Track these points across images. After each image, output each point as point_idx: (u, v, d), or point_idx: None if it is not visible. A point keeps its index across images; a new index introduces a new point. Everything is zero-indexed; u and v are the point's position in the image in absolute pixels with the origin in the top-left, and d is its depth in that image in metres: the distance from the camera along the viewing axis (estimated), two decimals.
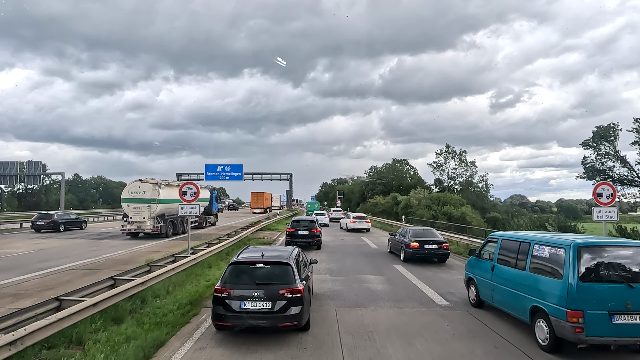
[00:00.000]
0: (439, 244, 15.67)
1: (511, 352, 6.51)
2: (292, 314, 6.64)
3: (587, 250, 6.32)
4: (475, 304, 9.05)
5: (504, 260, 8.01)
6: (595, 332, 5.92)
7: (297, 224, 20.46)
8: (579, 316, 5.96)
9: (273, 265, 7.09)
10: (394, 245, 18.04)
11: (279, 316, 6.61)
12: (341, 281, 11.80)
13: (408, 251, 15.69)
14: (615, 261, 6.28)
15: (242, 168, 57.24)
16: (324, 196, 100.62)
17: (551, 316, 6.34)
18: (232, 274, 6.99)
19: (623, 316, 5.95)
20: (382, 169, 72.35)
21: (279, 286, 6.77)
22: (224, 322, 6.71)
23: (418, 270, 13.81)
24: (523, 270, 7.30)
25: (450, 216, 37.23)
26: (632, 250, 6.43)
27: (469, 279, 9.40)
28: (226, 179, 56.35)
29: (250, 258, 7.36)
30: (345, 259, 16.38)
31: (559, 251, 6.57)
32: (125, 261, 14.89)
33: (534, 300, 6.82)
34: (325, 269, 13.78)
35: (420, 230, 17.19)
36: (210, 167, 58.06)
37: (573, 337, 5.99)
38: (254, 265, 7.10)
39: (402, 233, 17.33)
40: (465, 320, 8.12)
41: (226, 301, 6.67)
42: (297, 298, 6.72)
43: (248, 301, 6.63)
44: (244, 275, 7.00)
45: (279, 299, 6.66)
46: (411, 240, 15.78)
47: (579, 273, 6.14)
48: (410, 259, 15.65)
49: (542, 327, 6.59)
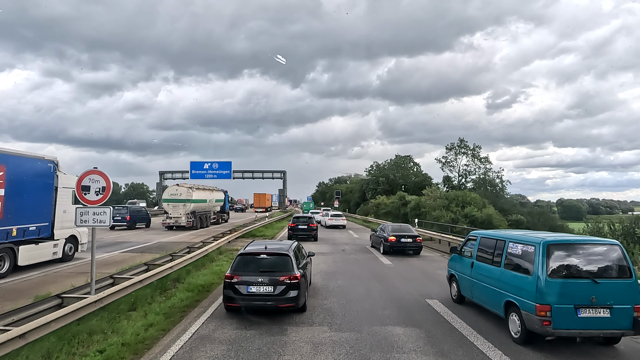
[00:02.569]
0: (413, 238, 17.80)
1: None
2: (291, 296, 7.79)
3: (556, 247, 6.66)
4: (456, 299, 9.41)
5: (482, 257, 8.36)
6: (561, 325, 6.27)
7: (297, 220, 24.60)
8: (547, 310, 6.31)
9: (275, 256, 8.29)
10: (374, 240, 20.05)
11: (280, 298, 7.76)
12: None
13: (386, 244, 17.71)
14: (582, 258, 6.62)
15: (231, 166, 53.50)
16: (320, 196, 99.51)
17: (522, 310, 6.69)
18: (240, 263, 8.16)
19: (588, 310, 6.30)
20: (385, 166, 65.28)
21: (279, 273, 7.90)
22: (234, 303, 7.88)
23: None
24: (498, 266, 7.64)
25: (473, 219, 30.87)
26: (598, 248, 6.78)
27: (451, 276, 9.75)
28: (214, 177, 52.55)
29: (256, 250, 8.59)
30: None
31: (530, 249, 6.91)
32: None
33: (507, 295, 7.17)
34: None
35: (397, 227, 19.48)
36: (196, 164, 53.96)
37: (541, 329, 6.34)
38: (259, 256, 8.32)
39: (382, 228, 19.40)
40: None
41: (235, 286, 7.82)
42: (295, 283, 7.85)
43: (253, 286, 7.79)
44: (250, 264, 8.17)
45: (279, 284, 7.79)
46: (389, 234, 17.72)
47: (548, 269, 6.48)
48: (388, 251, 17.61)
49: (515, 320, 6.94)
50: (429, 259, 17.04)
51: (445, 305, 9.16)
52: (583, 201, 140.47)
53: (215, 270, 12.65)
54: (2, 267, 11.48)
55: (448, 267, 10.04)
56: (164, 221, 29.69)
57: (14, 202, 11.47)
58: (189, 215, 29.30)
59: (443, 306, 9.07)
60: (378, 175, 62.98)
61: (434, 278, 12.57)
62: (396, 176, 59.74)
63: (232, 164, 54.88)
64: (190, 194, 29.31)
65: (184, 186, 30.15)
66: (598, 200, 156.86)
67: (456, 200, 34.93)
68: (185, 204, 29.08)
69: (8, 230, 11.43)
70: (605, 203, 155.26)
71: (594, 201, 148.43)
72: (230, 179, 55.51)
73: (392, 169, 62.30)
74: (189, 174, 55.31)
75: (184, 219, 28.90)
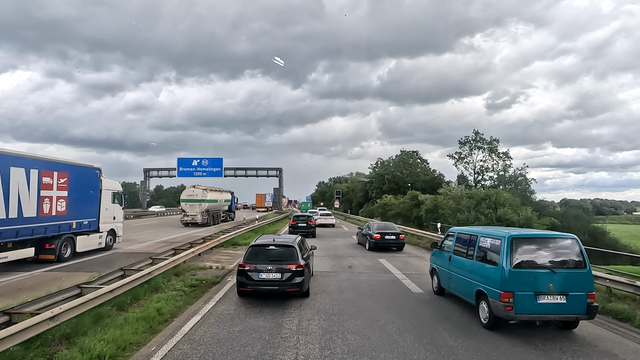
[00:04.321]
0: (396, 235, 18.94)
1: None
2: (296, 282, 8.89)
3: (519, 241, 7.39)
4: (437, 291, 10.15)
5: (458, 251, 9.08)
6: (522, 310, 6.99)
7: (297, 218, 27.14)
8: (510, 297, 7.03)
9: (282, 247, 9.44)
10: (361, 238, 21.22)
11: (286, 284, 8.86)
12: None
13: (372, 241, 18.70)
14: (543, 251, 7.35)
15: (222, 162, 49.96)
16: (320, 196, 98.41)
17: (490, 298, 7.41)
18: (251, 254, 9.27)
19: (546, 296, 7.02)
20: (390, 164, 58.71)
21: (286, 262, 9.01)
22: (246, 288, 8.99)
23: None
24: (471, 259, 8.37)
25: (509, 223, 25.75)
26: (557, 241, 7.52)
27: (432, 270, 10.48)
28: (203, 175, 49.03)
29: (265, 242, 9.80)
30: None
31: (497, 242, 7.64)
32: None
33: (478, 285, 7.90)
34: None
35: (382, 224, 20.97)
36: (183, 161, 49.72)
37: (505, 314, 7.06)
38: (268, 247, 9.45)
39: (368, 226, 20.61)
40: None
41: (248, 273, 8.94)
42: (299, 271, 8.95)
43: (263, 273, 8.89)
44: (260, 254, 9.27)
45: (286, 272, 8.88)
46: (374, 232, 18.78)
47: (511, 260, 7.21)
48: (374, 247, 18.75)
49: (484, 307, 7.67)
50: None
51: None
52: (587, 201, 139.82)
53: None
54: (66, 252, 14.46)
55: (430, 262, 10.76)
56: (182, 219, 32.95)
57: (74, 201, 14.57)
58: (204, 213, 32.67)
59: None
60: (383, 173, 56.96)
61: None
62: (404, 173, 53.56)
63: (229, 162, 54.02)
64: (205, 195, 32.87)
65: (199, 187, 33.68)
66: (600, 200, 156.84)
67: (487, 201, 28.97)
68: (200, 203, 32.45)
69: (70, 223, 14.56)
70: (608, 203, 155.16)
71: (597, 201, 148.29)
72: (221, 176, 51.98)
73: (398, 165, 55.76)
74: (175, 171, 51.28)
75: (199, 217, 32.12)
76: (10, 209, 11.65)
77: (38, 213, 12.85)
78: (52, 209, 13.50)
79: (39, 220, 12.93)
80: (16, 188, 11.89)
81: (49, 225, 13.40)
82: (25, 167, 12.32)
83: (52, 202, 13.49)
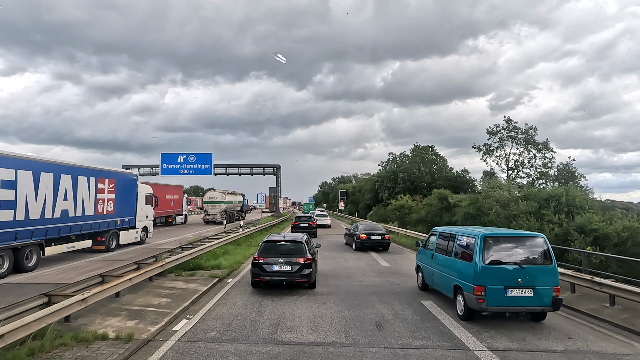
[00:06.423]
0: (382, 235, 19.58)
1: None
2: (305, 273, 10.08)
3: (491, 239, 7.99)
4: (421, 287, 10.77)
5: (439, 249, 9.70)
6: (493, 302, 7.59)
7: (299, 219, 29.13)
8: (482, 290, 7.63)
9: (291, 243, 10.74)
10: (348, 239, 21.98)
11: (296, 275, 10.05)
12: None
13: (358, 242, 19.34)
14: (512, 248, 7.96)
15: (211, 159, 44.58)
16: (322, 196, 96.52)
17: (465, 292, 8.02)
18: (264, 249, 10.48)
19: (515, 290, 7.62)
20: (404, 160, 47.85)
21: (295, 256, 10.23)
22: (260, 279, 10.12)
23: None
24: (450, 256, 8.99)
25: (597, 237, 14.51)
26: (525, 240, 8.15)
27: (417, 267, 11.10)
28: (190, 172, 43.60)
29: (277, 238, 11.24)
30: None
31: (472, 240, 8.25)
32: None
33: (455, 280, 8.51)
34: None
35: (368, 225, 21.88)
36: (168, 157, 43.88)
37: (477, 306, 7.66)
38: (279, 243, 10.80)
39: (355, 227, 21.41)
40: None
41: (262, 265, 10.08)
42: (307, 264, 10.14)
43: (275, 265, 10.06)
44: (272, 249, 10.48)
45: (295, 264, 10.08)
46: (361, 232, 19.47)
47: (484, 256, 7.82)
48: (360, 247, 19.39)
49: (460, 300, 8.28)
50: None
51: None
52: (599, 202, 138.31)
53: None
54: (112, 244, 17.63)
55: (416, 259, 11.38)
56: (205, 217, 39.65)
57: (118, 202, 17.76)
58: (222, 213, 38.81)
59: None
60: (396, 170, 46.94)
61: None
62: (422, 171, 43.87)
63: (226, 160, 46.47)
64: (223, 197, 39.58)
65: (219, 191, 40.25)
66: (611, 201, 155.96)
67: (554, 203, 18.31)
68: (220, 204, 39.01)
69: (116, 221, 17.78)
70: (621, 205, 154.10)
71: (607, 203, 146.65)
72: (210, 174, 45.62)
73: (415, 161, 45.48)
74: (159, 168, 44.86)
75: (219, 216, 38.44)
76: (77, 209, 14.86)
77: (95, 212, 16.00)
78: (104, 209, 16.71)
79: (96, 218, 16.11)
80: (81, 193, 15.09)
81: (101, 222, 16.57)
82: (87, 175, 15.52)
83: (104, 203, 16.70)
